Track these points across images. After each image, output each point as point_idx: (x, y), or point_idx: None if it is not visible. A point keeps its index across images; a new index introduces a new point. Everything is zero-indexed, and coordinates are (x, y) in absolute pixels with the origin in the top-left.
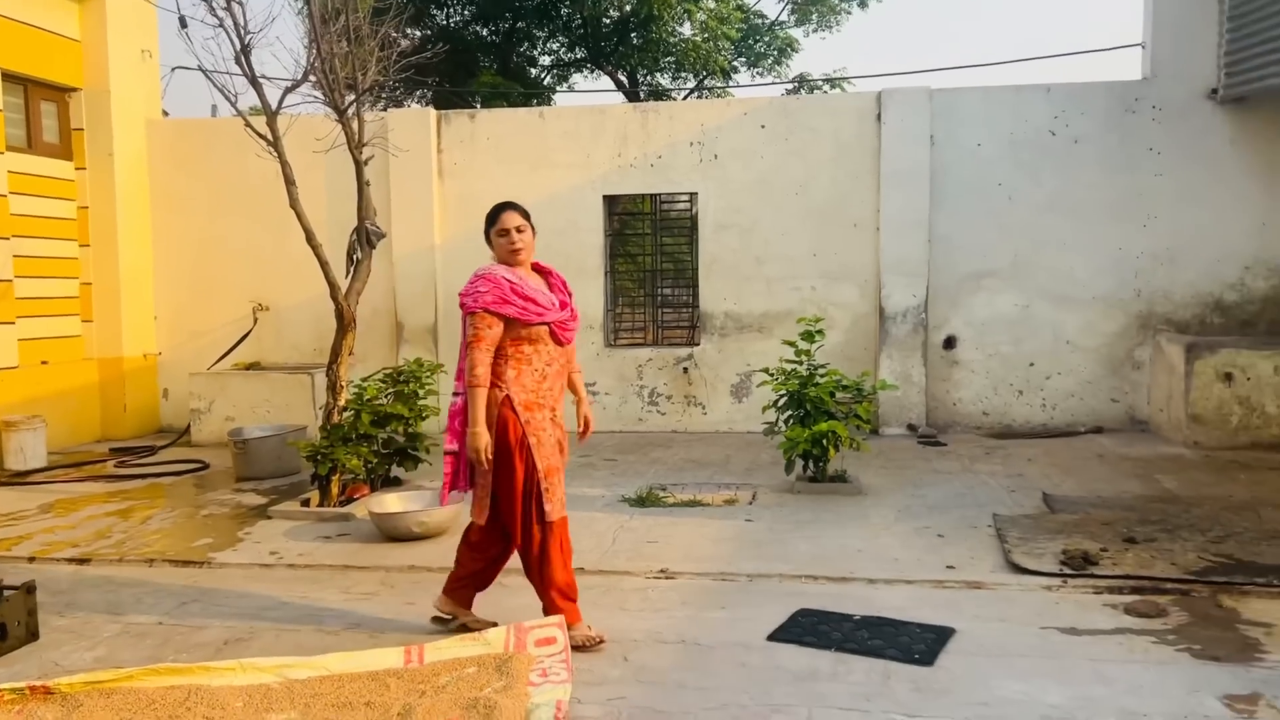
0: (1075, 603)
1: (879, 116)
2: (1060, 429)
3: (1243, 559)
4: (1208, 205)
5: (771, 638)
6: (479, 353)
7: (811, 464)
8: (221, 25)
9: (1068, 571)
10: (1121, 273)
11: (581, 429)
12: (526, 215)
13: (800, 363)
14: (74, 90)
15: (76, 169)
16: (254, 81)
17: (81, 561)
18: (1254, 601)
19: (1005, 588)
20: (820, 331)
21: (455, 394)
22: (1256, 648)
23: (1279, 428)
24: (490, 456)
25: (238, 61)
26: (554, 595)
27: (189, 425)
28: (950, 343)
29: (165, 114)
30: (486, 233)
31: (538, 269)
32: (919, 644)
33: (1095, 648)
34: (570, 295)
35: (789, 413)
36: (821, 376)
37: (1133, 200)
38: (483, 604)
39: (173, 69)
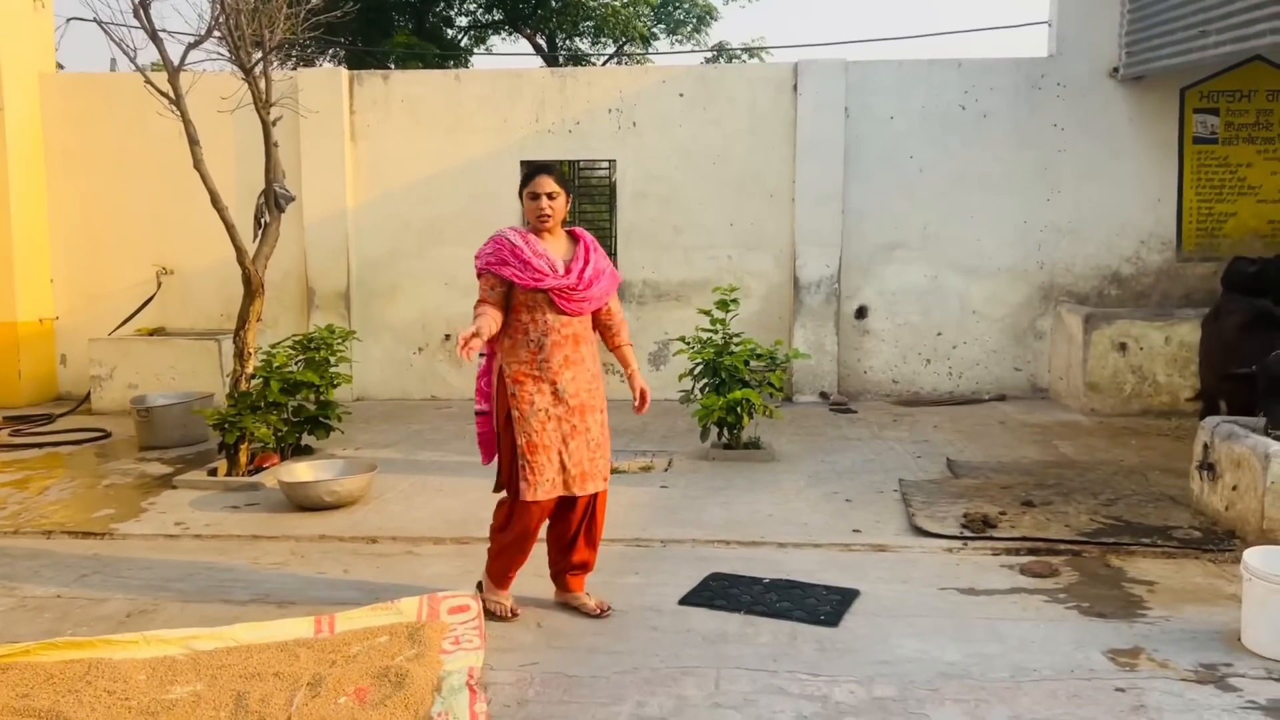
0: (974, 564)
1: (795, 87)
2: (965, 396)
3: (1130, 520)
4: (1107, 181)
5: (683, 601)
6: (476, 311)
7: (726, 431)
8: None
9: (968, 534)
10: (1026, 245)
11: (637, 401)
12: (563, 181)
13: (715, 331)
14: None
15: None
16: (154, 36)
17: None
18: (1139, 561)
19: (908, 550)
20: (735, 300)
21: (482, 354)
22: (1140, 604)
23: (1168, 395)
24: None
25: (136, 15)
26: (485, 571)
27: (89, 393)
28: (862, 312)
29: (60, 68)
30: (521, 189)
31: (572, 234)
32: (825, 606)
33: (991, 607)
34: (587, 263)
35: (704, 381)
36: (736, 345)
37: (1038, 174)
38: (395, 572)
39: (67, 20)
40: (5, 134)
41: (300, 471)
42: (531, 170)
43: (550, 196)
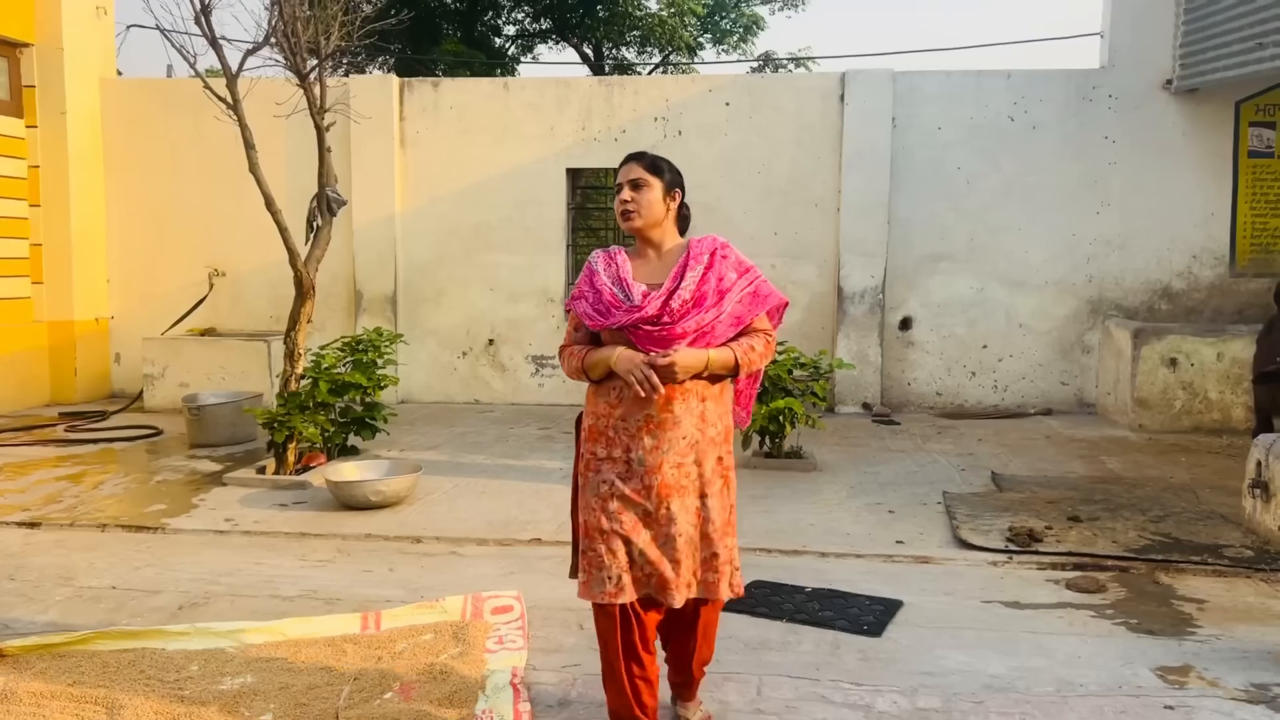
0: (1019, 578)
1: (842, 97)
2: (1011, 410)
3: (1180, 538)
4: (1159, 194)
5: (725, 608)
6: (561, 358)
7: (768, 440)
8: None
9: (1013, 548)
10: (1074, 258)
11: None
12: (658, 169)
13: None
14: (26, 46)
15: (28, 127)
16: (214, 43)
17: (32, 525)
18: (1189, 578)
19: (952, 563)
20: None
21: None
22: (1189, 622)
23: (1220, 413)
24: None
25: (198, 22)
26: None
27: (141, 391)
28: (906, 324)
29: (120, 73)
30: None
31: (689, 245)
32: (868, 616)
33: (1037, 621)
34: (677, 285)
35: None
36: (780, 354)
37: (1087, 187)
38: (439, 571)
39: (128, 27)
40: (67, 138)
41: (347, 471)
42: (623, 160)
43: (635, 185)
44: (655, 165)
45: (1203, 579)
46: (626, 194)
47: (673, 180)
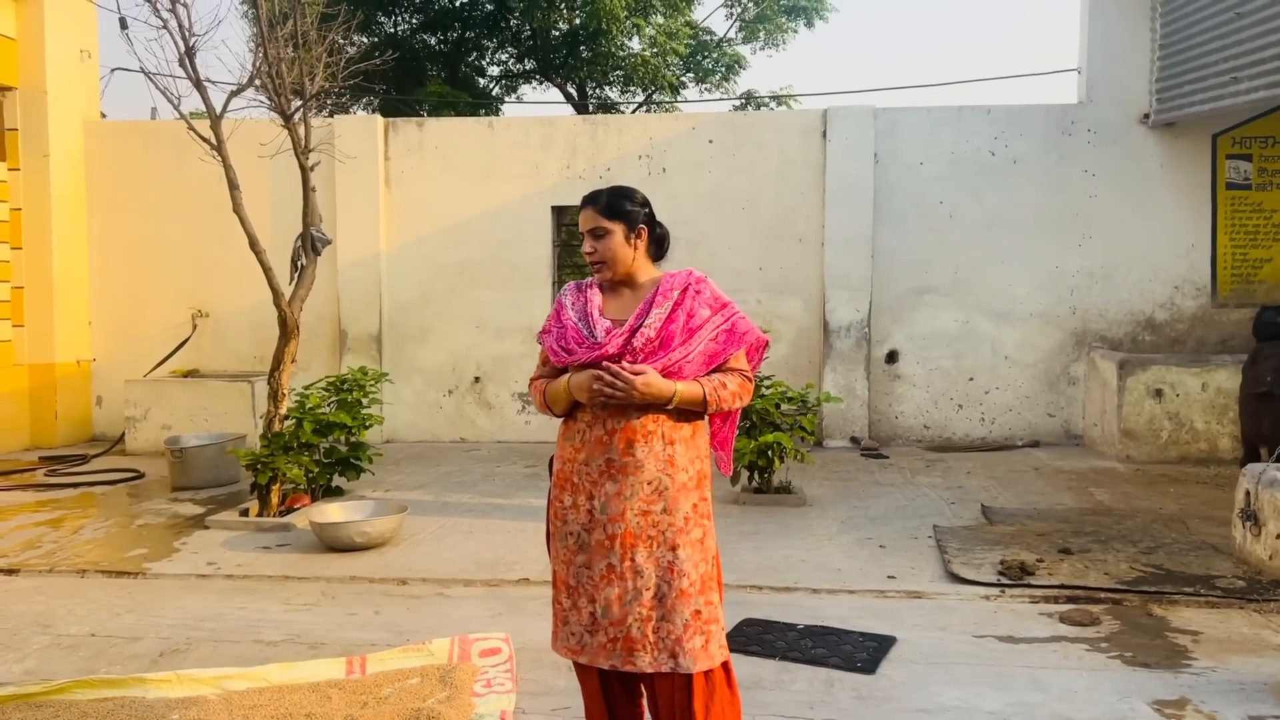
0: (1012, 612)
1: (824, 134)
2: (998, 442)
3: (1172, 569)
4: (1140, 226)
5: None
6: (533, 393)
7: (757, 475)
8: (165, 27)
9: (1005, 581)
10: (1058, 290)
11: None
12: (618, 211)
13: None
14: (9, 89)
15: (10, 170)
16: (198, 85)
17: (10, 572)
18: (1182, 610)
19: (945, 597)
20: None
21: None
22: (1184, 654)
23: (1206, 442)
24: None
25: (182, 64)
26: None
27: (123, 433)
28: (892, 357)
29: (103, 115)
30: None
31: (661, 281)
32: (861, 653)
33: (1031, 655)
34: (639, 322)
35: None
36: (767, 388)
37: (1069, 220)
38: (425, 614)
39: (112, 70)
40: (50, 180)
41: (331, 512)
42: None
43: (595, 235)
44: (612, 208)
45: (1196, 610)
46: (588, 245)
47: (634, 217)
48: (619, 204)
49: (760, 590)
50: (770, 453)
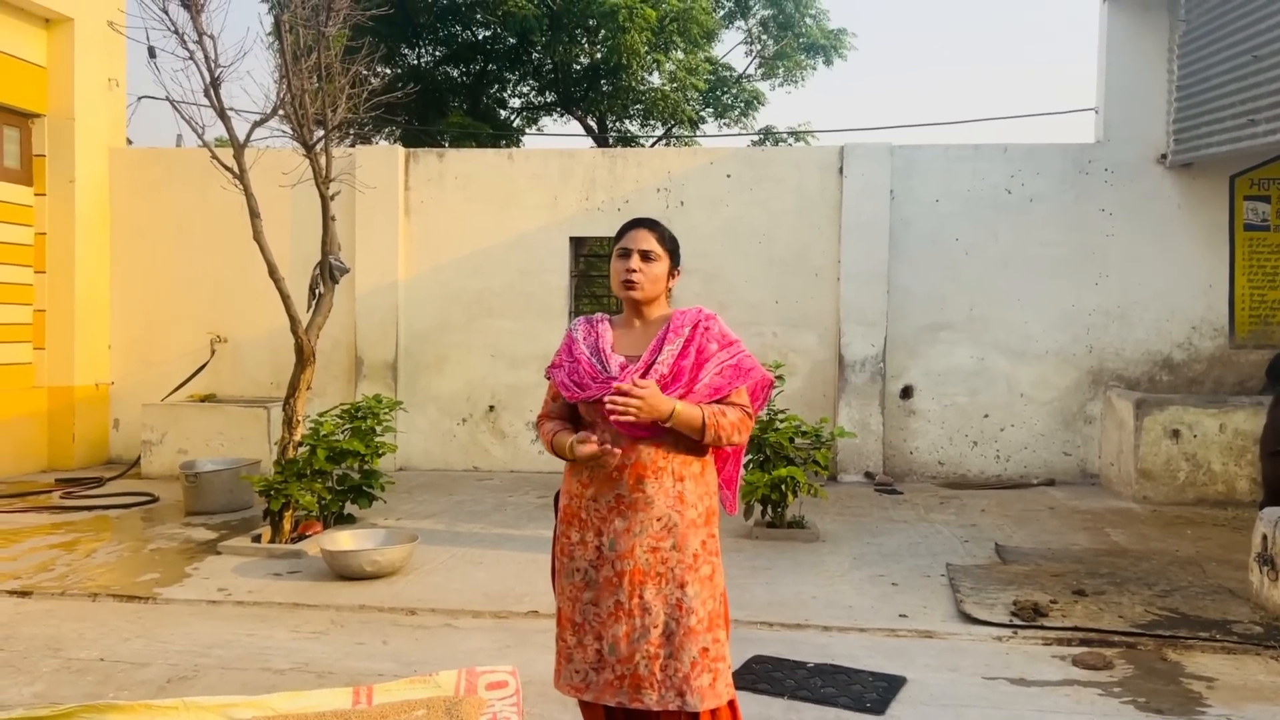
0: (1025, 653)
1: (841, 170)
2: (1013, 480)
3: (1188, 613)
4: (1157, 266)
5: None
6: (539, 430)
7: (770, 509)
8: (192, 58)
9: (1018, 622)
10: (1074, 328)
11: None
12: (668, 242)
13: None
14: (38, 116)
15: (36, 195)
16: (223, 114)
17: (23, 594)
18: (1198, 655)
19: (957, 637)
20: (780, 378)
21: None
22: (1199, 701)
23: (1224, 484)
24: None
25: (207, 94)
26: None
27: (139, 457)
28: (907, 392)
29: (129, 142)
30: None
31: (672, 317)
32: (871, 693)
33: (1043, 699)
34: (653, 358)
35: (749, 457)
36: (781, 422)
37: (1085, 258)
38: (433, 644)
39: (139, 98)
40: (75, 206)
41: (343, 540)
42: (624, 226)
43: (645, 256)
44: (666, 239)
45: (1211, 656)
46: (636, 263)
47: (677, 255)
48: (672, 238)
49: (770, 627)
50: (783, 487)
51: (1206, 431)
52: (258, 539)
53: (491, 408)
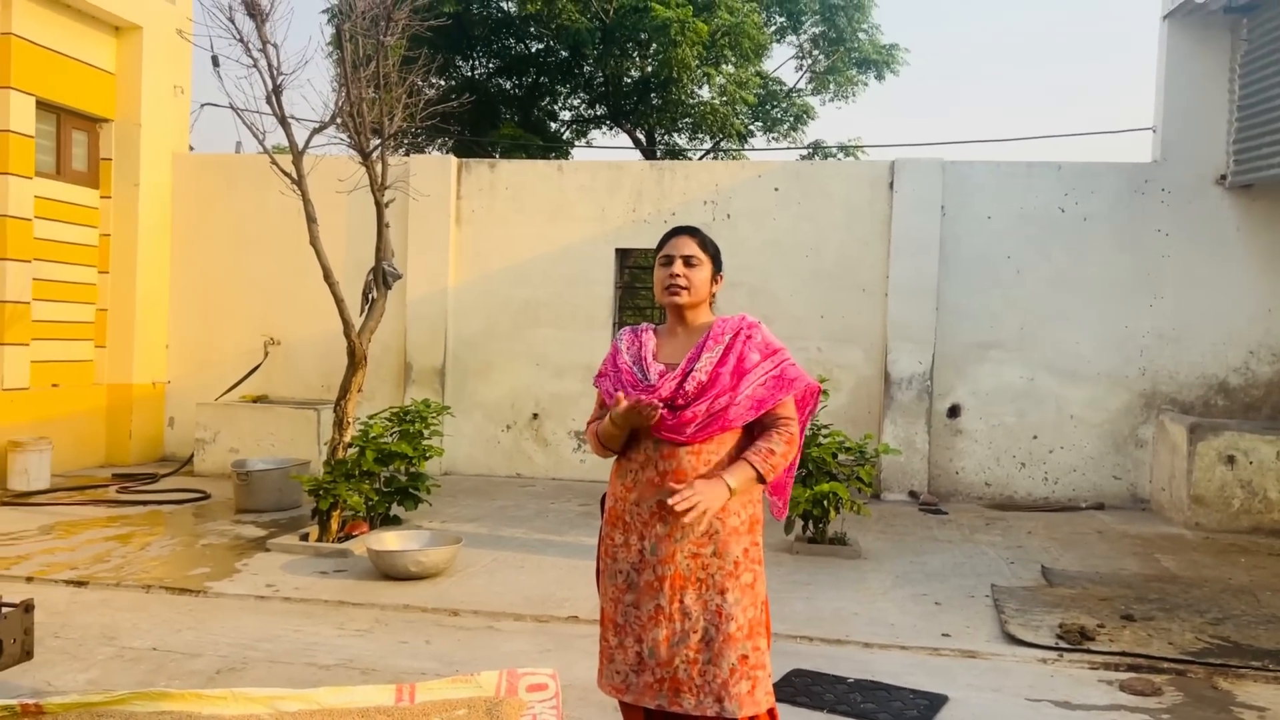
0: (1070, 677)
1: (891, 185)
2: (1061, 503)
3: (1240, 642)
4: (1214, 288)
5: None
6: (589, 438)
7: (811, 524)
8: (255, 66)
9: (1064, 645)
10: (1127, 350)
11: (679, 494)
12: (708, 247)
13: None
14: (105, 121)
15: (102, 197)
16: (283, 121)
17: (79, 584)
18: (1249, 685)
19: (1000, 658)
20: (825, 392)
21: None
22: None
23: None
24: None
25: (269, 101)
26: None
27: (192, 455)
28: (954, 411)
29: (191, 148)
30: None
31: (713, 325)
32: (911, 710)
33: None
34: (691, 365)
35: None
36: (825, 437)
37: (1140, 279)
38: (475, 645)
39: (202, 105)
40: (138, 209)
41: (388, 541)
42: (666, 234)
43: (688, 261)
44: (707, 243)
45: (1264, 686)
46: (679, 269)
47: (719, 261)
48: (713, 243)
49: (810, 641)
50: (826, 502)
51: (1263, 458)
52: (305, 537)
53: (535, 415)
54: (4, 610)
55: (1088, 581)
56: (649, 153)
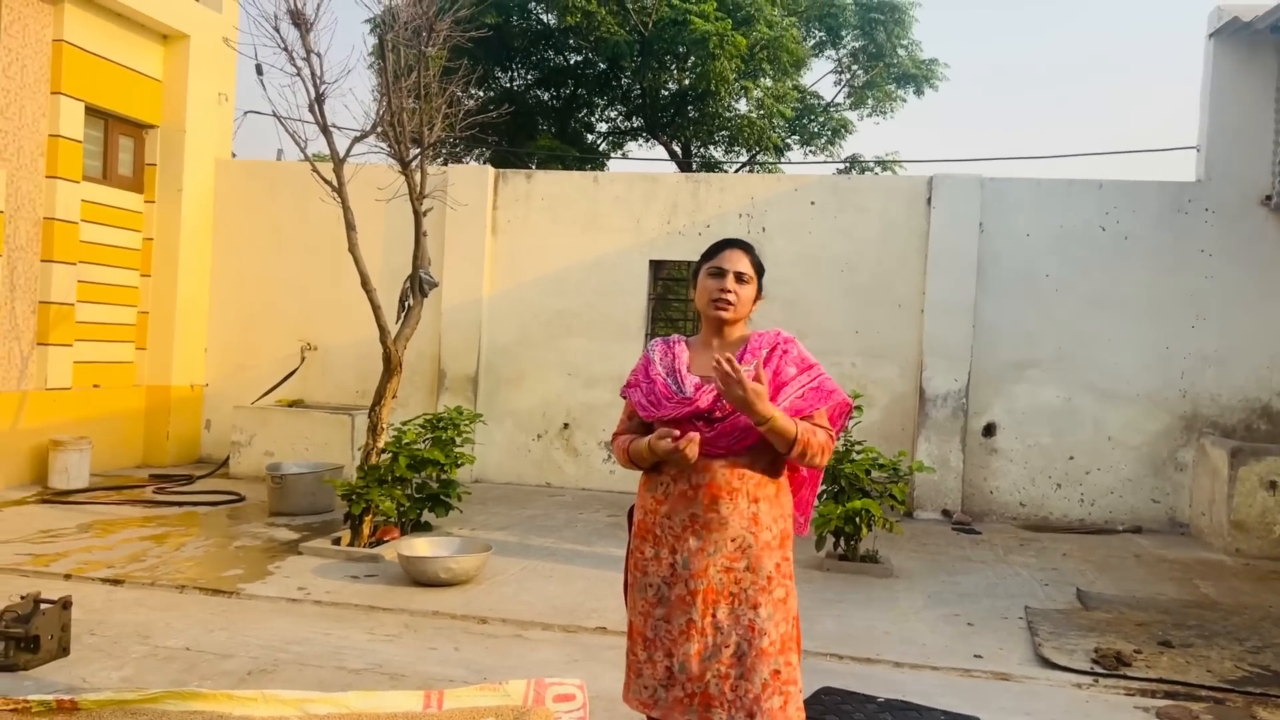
0: (1105, 702)
1: (929, 200)
2: (1098, 525)
3: None
4: (1258, 311)
5: None
6: (614, 447)
7: (843, 541)
8: (299, 74)
9: (1099, 670)
10: (1167, 372)
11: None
12: (758, 265)
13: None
14: (151, 127)
15: (146, 202)
16: (325, 129)
17: (115, 582)
18: None
19: (1034, 681)
20: (858, 408)
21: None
22: None
23: None
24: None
25: (311, 110)
26: None
27: (228, 457)
28: (990, 430)
29: (233, 155)
30: (695, 271)
31: (750, 338)
32: None
33: None
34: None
35: (823, 488)
36: (858, 453)
37: (1182, 300)
38: (503, 654)
39: (245, 112)
40: (181, 213)
41: (419, 547)
42: (716, 245)
43: (739, 278)
44: (759, 263)
45: None
46: (730, 284)
47: (762, 280)
48: (760, 261)
49: (840, 659)
50: (858, 520)
51: None
52: (337, 541)
53: (566, 425)
54: (43, 607)
55: (1124, 606)
56: (685, 165)
